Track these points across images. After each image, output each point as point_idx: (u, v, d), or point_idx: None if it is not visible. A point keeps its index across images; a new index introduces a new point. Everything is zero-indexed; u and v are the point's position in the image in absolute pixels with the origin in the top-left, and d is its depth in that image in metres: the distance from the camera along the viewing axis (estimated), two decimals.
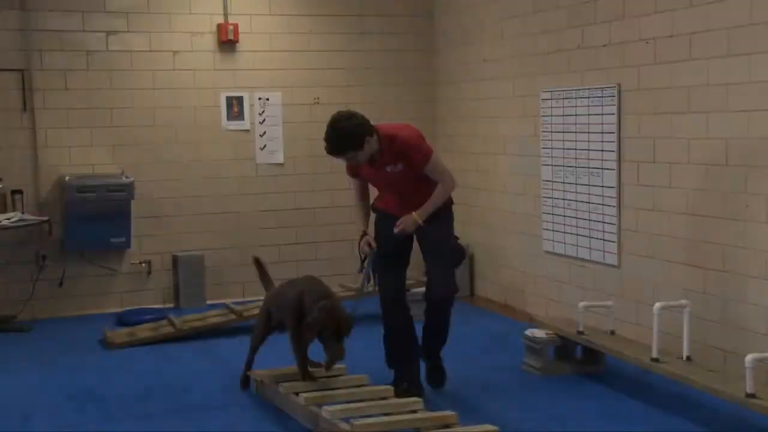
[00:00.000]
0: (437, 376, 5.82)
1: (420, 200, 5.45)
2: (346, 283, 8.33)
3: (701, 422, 5.17)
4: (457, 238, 5.88)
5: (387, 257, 5.61)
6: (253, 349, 5.90)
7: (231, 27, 8.55)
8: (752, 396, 4.77)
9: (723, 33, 5.70)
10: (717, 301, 5.85)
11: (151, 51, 8.46)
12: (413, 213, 5.43)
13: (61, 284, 8.29)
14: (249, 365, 5.88)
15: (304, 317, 5.28)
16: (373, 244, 5.58)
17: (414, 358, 5.71)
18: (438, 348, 5.82)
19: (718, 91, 5.77)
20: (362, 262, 5.70)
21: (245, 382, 5.86)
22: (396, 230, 5.44)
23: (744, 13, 5.53)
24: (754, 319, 5.58)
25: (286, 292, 5.74)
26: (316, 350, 5.39)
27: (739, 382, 4.93)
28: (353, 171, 5.69)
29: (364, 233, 5.65)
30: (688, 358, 5.44)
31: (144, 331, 7.43)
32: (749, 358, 4.79)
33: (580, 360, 6.29)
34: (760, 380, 4.98)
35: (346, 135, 5.23)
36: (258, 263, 6.58)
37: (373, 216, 5.81)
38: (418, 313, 6.99)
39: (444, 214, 5.63)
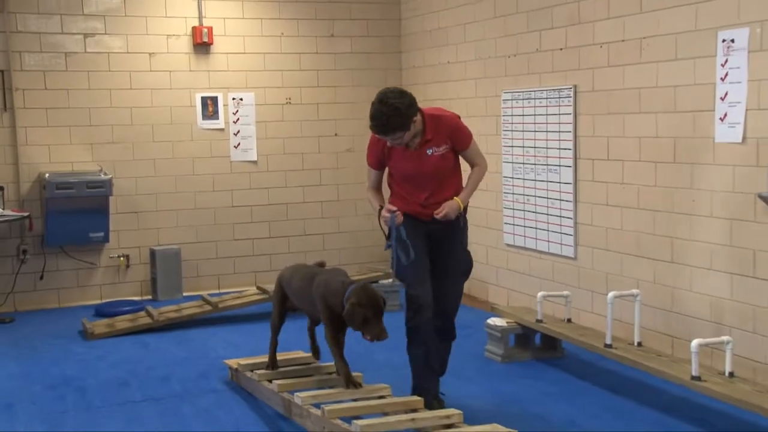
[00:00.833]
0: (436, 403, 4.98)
1: (446, 195, 4.92)
2: None
3: (651, 403, 5.25)
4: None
5: (418, 261, 4.93)
6: (274, 332, 5.50)
7: (205, 30, 8.53)
8: (697, 378, 4.87)
9: (671, 38, 5.77)
10: (666, 290, 5.93)
11: (128, 53, 8.42)
12: (455, 198, 4.90)
13: (41, 277, 8.25)
14: (273, 348, 5.48)
15: (334, 311, 4.85)
16: (394, 208, 4.89)
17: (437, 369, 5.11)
18: (440, 374, 5.17)
19: (667, 92, 5.84)
20: (387, 236, 5.03)
21: (273, 364, 5.45)
22: (438, 215, 4.83)
23: (690, 20, 5.60)
24: (700, 307, 5.66)
25: (304, 286, 5.20)
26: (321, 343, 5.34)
27: (685, 365, 5.04)
28: (377, 160, 5.10)
29: (381, 206, 5.02)
30: (639, 344, 5.52)
31: (123, 322, 7.40)
32: (695, 343, 4.89)
33: (539, 347, 6.34)
34: (705, 364, 5.09)
35: (398, 113, 4.61)
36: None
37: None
38: (394, 303, 7.09)
39: (465, 222, 5.12)
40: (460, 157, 5.09)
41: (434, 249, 5.03)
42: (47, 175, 8.02)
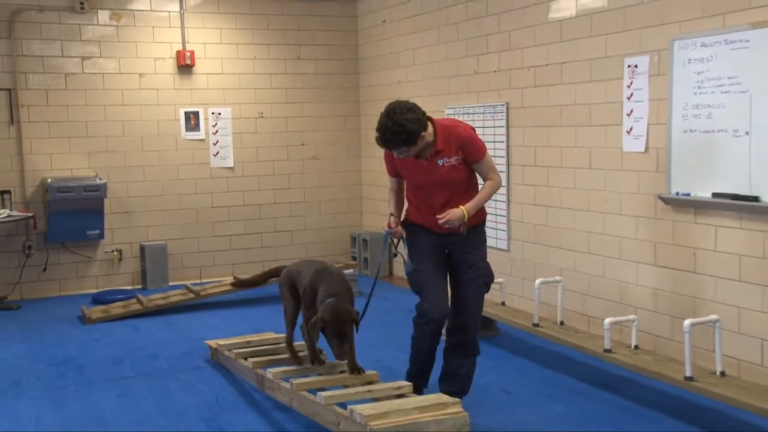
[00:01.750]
0: None
1: (459, 205, 4.30)
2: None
3: (571, 373, 5.33)
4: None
5: (431, 270, 4.42)
6: (290, 326, 5.02)
7: (188, 53, 8.49)
8: (609, 351, 4.97)
9: (586, 63, 5.84)
10: (583, 276, 6.01)
11: (120, 73, 8.35)
12: (461, 206, 4.24)
13: (44, 269, 8.16)
14: (290, 341, 5.03)
15: (314, 310, 4.54)
16: (396, 225, 4.47)
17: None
18: (465, 392, 4.55)
19: (583, 109, 5.91)
20: (395, 245, 4.59)
21: (295, 357, 5.00)
22: (441, 221, 4.24)
23: (601, 48, 5.69)
24: (611, 291, 5.75)
25: (307, 278, 4.78)
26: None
27: (599, 340, 5.13)
28: (392, 169, 4.54)
29: (392, 214, 4.53)
30: (562, 323, 5.60)
31: (116, 308, 7.36)
32: (607, 321, 4.98)
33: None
34: (615, 339, 5.19)
35: (403, 130, 4.07)
36: (238, 284, 5.81)
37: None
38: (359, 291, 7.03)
39: (483, 233, 4.56)
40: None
41: (451, 262, 4.47)
42: (49, 180, 7.95)
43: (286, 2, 8.94)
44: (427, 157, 4.27)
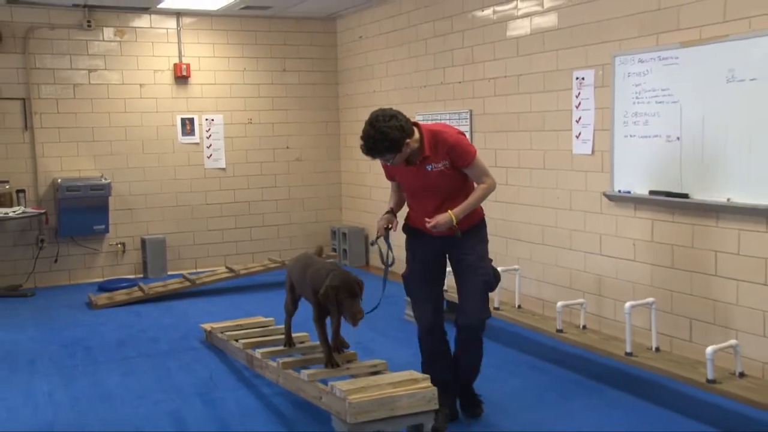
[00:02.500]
0: (473, 407, 4.22)
1: (453, 209, 3.90)
2: (272, 257, 8.38)
3: (528, 351, 5.37)
4: (490, 260, 4.13)
5: (422, 282, 4.07)
6: (288, 315, 4.80)
7: (184, 66, 8.43)
8: (560, 331, 5.02)
9: (540, 75, 5.88)
10: (538, 265, 6.05)
11: (123, 84, 8.27)
12: (449, 211, 3.84)
13: (56, 261, 8.09)
14: (287, 329, 4.83)
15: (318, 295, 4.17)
16: (391, 224, 4.07)
17: (452, 386, 4.15)
18: (470, 381, 4.23)
19: (538, 116, 5.94)
20: (377, 237, 4.14)
21: (289, 342, 4.82)
22: (429, 225, 3.86)
23: (553, 62, 5.72)
24: (563, 278, 5.80)
25: (301, 272, 4.49)
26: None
27: (552, 321, 5.18)
28: (387, 173, 4.15)
29: (390, 210, 4.14)
30: (519, 306, 5.64)
31: (120, 295, 7.31)
32: (559, 304, 5.03)
33: (446, 310, 6.27)
34: (566, 320, 5.24)
35: (385, 138, 3.68)
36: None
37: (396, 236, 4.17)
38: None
39: (480, 233, 4.09)
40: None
41: (452, 264, 4.08)
42: (59, 180, 7.87)
43: (273, 20, 8.90)
44: (416, 163, 3.86)
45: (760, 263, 4.27)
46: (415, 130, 3.83)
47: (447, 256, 4.07)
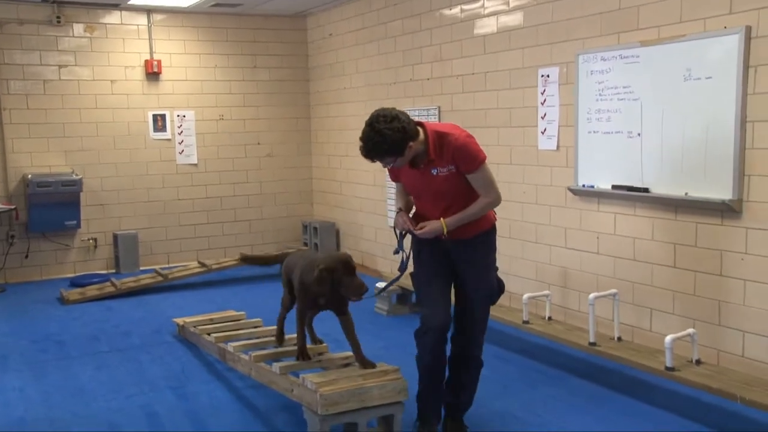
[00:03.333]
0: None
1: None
2: (244, 251, 8.35)
3: (495, 342, 5.37)
4: (497, 268, 3.80)
5: (430, 280, 3.67)
6: (284, 310, 4.49)
7: (155, 62, 8.35)
8: (527, 322, 5.08)
9: (506, 73, 5.91)
10: (505, 258, 5.98)
11: (94, 80, 8.18)
12: (441, 219, 3.52)
13: (26, 256, 7.98)
14: (280, 332, 4.58)
15: (307, 287, 3.91)
16: (409, 222, 3.64)
17: (440, 396, 3.79)
18: (464, 407, 3.84)
19: (504, 112, 5.98)
20: (398, 240, 3.77)
21: (280, 338, 4.60)
22: (418, 232, 3.57)
23: (519, 60, 5.76)
24: (528, 270, 5.84)
25: (295, 266, 4.19)
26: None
27: (518, 313, 5.23)
28: (392, 175, 3.77)
29: (400, 209, 3.74)
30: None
31: (92, 290, 7.24)
32: (525, 296, 5.09)
33: (414, 303, 6.31)
34: (532, 311, 5.30)
35: (385, 141, 3.34)
36: (244, 259, 5.14)
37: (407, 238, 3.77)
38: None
39: (487, 242, 3.71)
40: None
41: (456, 270, 3.70)
42: (30, 176, 7.76)
43: (243, 17, 8.85)
44: (421, 166, 3.51)
45: (716, 255, 4.37)
46: (420, 130, 3.47)
47: (450, 259, 3.67)
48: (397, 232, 3.74)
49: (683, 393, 4.26)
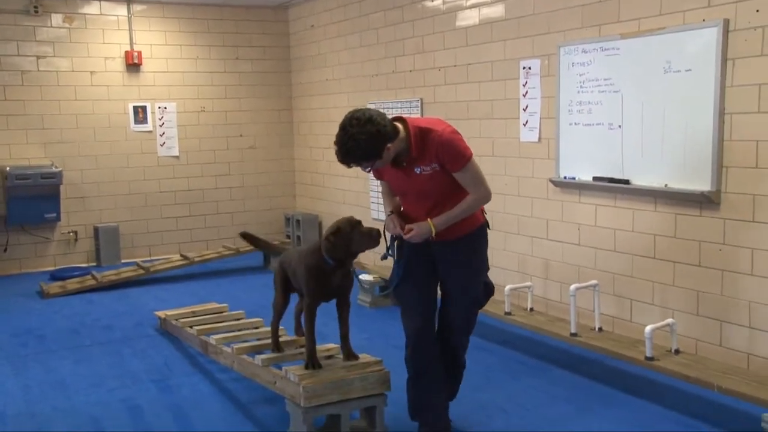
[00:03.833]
0: None
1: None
2: (227, 244, 8.33)
3: (477, 333, 5.30)
4: (488, 268, 3.64)
5: (412, 286, 3.50)
6: (277, 315, 4.20)
7: (136, 53, 8.29)
8: (509, 313, 5.11)
9: (488, 65, 5.93)
10: (488, 250, 6.11)
11: (73, 71, 8.11)
12: (428, 220, 3.34)
13: (5, 250, 7.91)
14: (276, 341, 4.24)
15: (315, 270, 3.66)
16: (400, 225, 3.42)
17: (444, 404, 3.67)
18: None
19: (486, 104, 5.99)
20: (387, 246, 3.62)
21: (277, 347, 4.23)
22: (406, 236, 3.37)
23: (501, 52, 5.78)
24: (510, 261, 5.87)
25: (296, 262, 3.92)
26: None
27: (500, 304, 5.25)
28: (378, 175, 3.56)
29: (391, 212, 3.53)
30: None
31: (73, 284, 7.19)
32: (507, 288, 5.11)
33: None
34: (514, 303, 5.33)
35: (359, 146, 3.13)
36: (246, 237, 4.84)
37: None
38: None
39: (475, 243, 3.50)
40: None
41: (441, 275, 3.52)
42: (8, 168, 7.68)
43: (225, 8, 8.80)
44: (404, 164, 3.32)
45: (695, 245, 4.42)
46: (401, 127, 3.26)
47: (435, 263, 3.50)
48: (388, 236, 3.56)
49: (662, 382, 4.31)
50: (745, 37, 4.03)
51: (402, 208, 3.56)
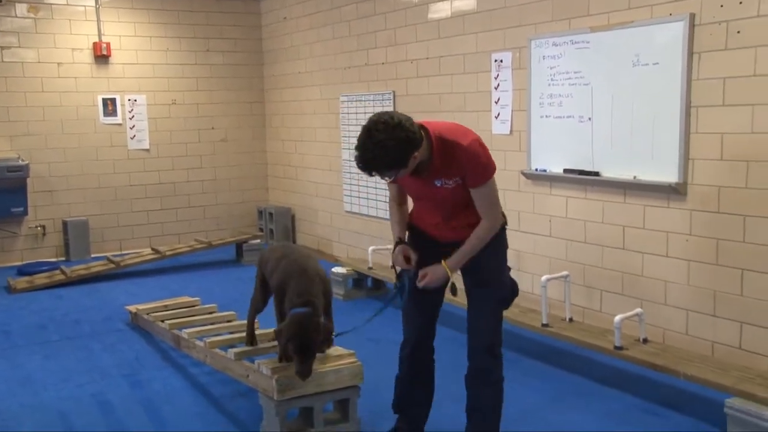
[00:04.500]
0: None
1: (466, 221, 3.13)
2: (199, 238, 8.29)
3: (449, 325, 5.38)
4: (509, 268, 3.37)
5: (416, 291, 3.29)
6: (252, 315, 4.18)
7: (104, 45, 8.20)
8: None
9: (460, 57, 5.97)
10: None
11: (39, 62, 8.00)
12: (443, 261, 3.11)
13: None
14: (251, 335, 4.20)
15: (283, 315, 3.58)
16: (412, 257, 3.21)
17: (425, 403, 3.55)
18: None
19: (459, 97, 6.03)
20: (397, 277, 3.38)
21: (252, 340, 4.20)
22: (420, 284, 3.17)
23: (472, 45, 5.82)
24: None
25: (275, 267, 3.82)
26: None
27: None
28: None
29: (400, 241, 3.29)
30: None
31: (41, 278, 7.12)
32: None
33: (370, 287, 6.46)
34: None
35: (387, 153, 2.83)
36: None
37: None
38: (251, 259, 6.81)
39: (494, 244, 3.18)
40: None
41: (463, 280, 3.30)
42: None
43: None
44: (425, 174, 3.04)
45: (662, 236, 4.51)
46: (423, 136, 2.95)
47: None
48: (397, 269, 3.28)
49: (631, 371, 4.40)
50: (710, 31, 4.12)
51: (411, 210, 3.35)
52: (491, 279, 3.22)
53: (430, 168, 2.99)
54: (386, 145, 2.82)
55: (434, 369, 3.52)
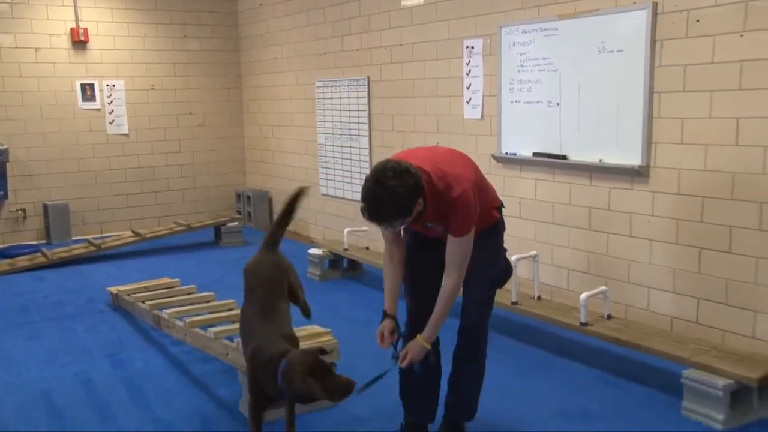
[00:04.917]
0: None
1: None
2: (178, 220, 8.27)
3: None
4: (505, 249, 3.36)
5: (418, 279, 3.20)
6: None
7: (82, 30, 8.11)
8: None
9: (433, 44, 5.99)
10: None
11: (16, 48, 7.89)
12: (419, 337, 3.03)
13: None
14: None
15: (262, 384, 3.00)
16: (394, 336, 3.10)
17: (434, 396, 3.37)
18: (459, 415, 3.35)
19: (431, 83, 6.06)
20: (394, 354, 3.13)
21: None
22: (402, 365, 3.04)
23: (445, 31, 5.85)
24: None
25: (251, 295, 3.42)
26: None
27: None
28: None
29: (385, 315, 3.13)
30: None
31: (22, 261, 7.07)
32: None
33: (346, 268, 6.49)
34: None
35: (396, 201, 2.72)
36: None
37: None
38: (229, 241, 6.78)
39: (490, 239, 3.16)
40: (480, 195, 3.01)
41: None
42: None
43: None
44: (419, 220, 2.94)
45: (626, 217, 4.60)
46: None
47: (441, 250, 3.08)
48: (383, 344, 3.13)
49: (596, 346, 4.51)
50: (672, 20, 4.19)
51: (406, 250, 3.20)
52: (487, 258, 3.15)
53: (424, 215, 2.90)
54: (398, 191, 2.68)
55: (438, 353, 3.30)
